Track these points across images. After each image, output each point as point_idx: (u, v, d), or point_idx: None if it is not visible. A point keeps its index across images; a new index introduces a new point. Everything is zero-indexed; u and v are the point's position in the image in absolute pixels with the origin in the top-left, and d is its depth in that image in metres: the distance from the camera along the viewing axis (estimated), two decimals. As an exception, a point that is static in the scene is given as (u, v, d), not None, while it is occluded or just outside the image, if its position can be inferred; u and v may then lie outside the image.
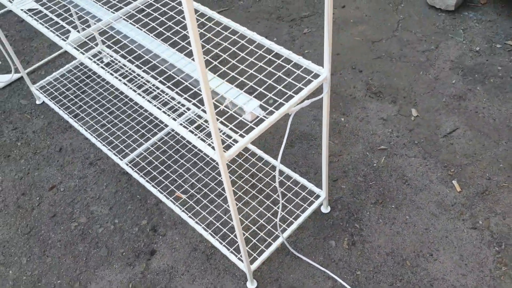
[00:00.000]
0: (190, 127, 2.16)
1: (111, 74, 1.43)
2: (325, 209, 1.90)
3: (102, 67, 1.63)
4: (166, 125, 2.22)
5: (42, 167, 2.21)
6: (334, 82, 2.37)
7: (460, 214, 1.84)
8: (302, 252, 1.80)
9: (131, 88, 1.38)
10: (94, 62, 1.46)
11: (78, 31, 2.57)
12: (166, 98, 2.28)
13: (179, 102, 2.26)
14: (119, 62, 2.50)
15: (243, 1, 2.91)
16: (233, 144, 1.90)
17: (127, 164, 2.07)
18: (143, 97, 2.24)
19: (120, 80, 1.44)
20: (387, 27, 2.61)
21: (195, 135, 2.10)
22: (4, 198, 2.12)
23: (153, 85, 2.34)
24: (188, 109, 2.23)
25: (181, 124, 1.50)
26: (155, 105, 2.20)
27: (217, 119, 1.91)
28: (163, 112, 1.95)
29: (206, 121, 2.17)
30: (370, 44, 2.53)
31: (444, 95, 2.24)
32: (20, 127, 2.40)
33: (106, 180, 2.12)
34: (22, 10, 1.79)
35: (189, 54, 2.40)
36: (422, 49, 2.46)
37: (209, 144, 2.08)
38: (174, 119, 1.80)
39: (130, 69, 2.46)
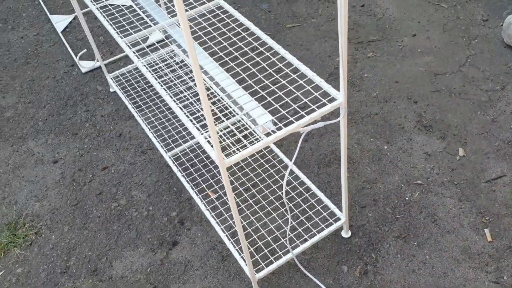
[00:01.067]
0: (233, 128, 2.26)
1: (155, 78, 1.57)
2: (346, 234, 1.90)
3: (149, 71, 1.80)
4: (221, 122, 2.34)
5: (101, 149, 2.44)
6: (386, 110, 2.34)
7: (485, 264, 1.75)
8: (313, 272, 1.82)
9: (169, 94, 1.51)
10: (145, 66, 1.61)
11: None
12: (220, 106, 2.41)
13: (227, 108, 2.37)
14: (187, 63, 2.68)
15: (316, 18, 2.96)
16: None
17: (170, 158, 2.22)
18: (181, 105, 2.37)
19: (161, 85, 1.57)
20: (455, 61, 2.52)
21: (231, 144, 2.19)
22: (64, 171, 2.36)
23: (213, 91, 2.48)
24: (234, 115, 2.32)
25: (205, 138, 1.60)
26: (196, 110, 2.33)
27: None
28: (190, 120, 2.07)
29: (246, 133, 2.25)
30: (432, 76, 2.46)
31: (498, 139, 2.13)
32: (92, 110, 2.66)
33: (152, 169, 2.28)
34: (96, 7, 2.00)
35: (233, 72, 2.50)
36: (486, 88, 2.35)
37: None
38: (200, 131, 1.91)
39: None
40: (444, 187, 2.00)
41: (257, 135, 2.10)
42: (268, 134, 2.01)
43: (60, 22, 3.37)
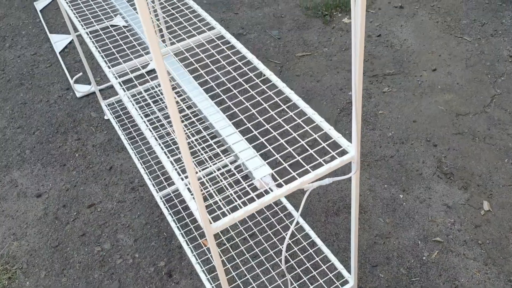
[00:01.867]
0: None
1: (139, 115, 1.37)
2: (354, 297, 1.66)
3: (131, 102, 1.61)
4: (207, 167, 2.13)
5: (89, 183, 2.24)
6: (402, 152, 2.12)
7: None
8: None
9: (154, 136, 1.32)
10: (130, 100, 1.42)
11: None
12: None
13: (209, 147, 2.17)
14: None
15: (328, 48, 2.77)
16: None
17: (161, 198, 2.01)
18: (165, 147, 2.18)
19: (142, 118, 1.37)
20: (479, 100, 2.30)
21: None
22: (47, 206, 2.16)
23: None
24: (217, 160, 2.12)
25: (186, 187, 1.41)
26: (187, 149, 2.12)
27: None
28: (171, 162, 1.86)
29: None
30: (454, 117, 2.24)
31: (529, 192, 1.89)
32: (83, 138, 2.47)
33: (141, 209, 2.07)
34: (86, 33, 1.82)
35: (228, 111, 2.30)
36: (514, 132, 2.12)
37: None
38: (181, 178, 1.71)
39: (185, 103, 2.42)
40: (466, 247, 1.76)
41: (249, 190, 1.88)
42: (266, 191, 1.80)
43: (59, 41, 3.21)
